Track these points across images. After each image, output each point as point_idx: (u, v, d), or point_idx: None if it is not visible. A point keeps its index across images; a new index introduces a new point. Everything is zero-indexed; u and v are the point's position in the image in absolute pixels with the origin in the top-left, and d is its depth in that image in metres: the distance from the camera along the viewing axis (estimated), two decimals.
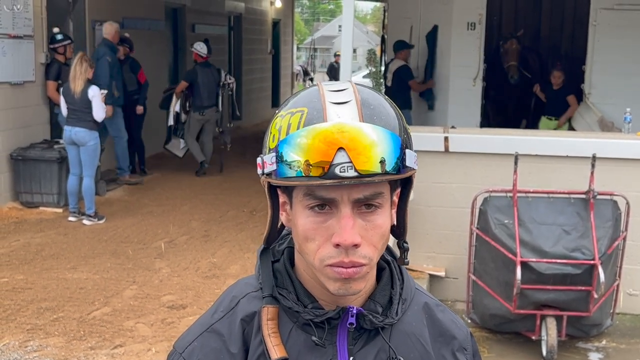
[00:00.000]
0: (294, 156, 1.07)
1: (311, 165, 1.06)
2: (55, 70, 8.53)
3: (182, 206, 8.48)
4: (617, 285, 5.41)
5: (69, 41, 8.65)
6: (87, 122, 7.44)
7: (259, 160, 1.15)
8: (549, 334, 5.06)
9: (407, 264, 1.25)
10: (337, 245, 1.10)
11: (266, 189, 1.17)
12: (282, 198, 1.19)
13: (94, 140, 7.52)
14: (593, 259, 4.95)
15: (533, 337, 5.25)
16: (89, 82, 7.50)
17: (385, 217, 1.14)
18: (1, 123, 8.07)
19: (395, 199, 1.19)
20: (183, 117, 10.16)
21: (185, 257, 6.51)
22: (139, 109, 9.73)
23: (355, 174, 1.06)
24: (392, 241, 1.25)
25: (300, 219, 1.13)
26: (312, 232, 1.12)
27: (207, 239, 7.15)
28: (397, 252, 1.28)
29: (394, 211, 1.20)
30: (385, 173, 1.08)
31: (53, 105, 8.66)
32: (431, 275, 6.11)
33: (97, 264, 6.25)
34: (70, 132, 7.45)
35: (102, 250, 6.68)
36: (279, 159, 1.09)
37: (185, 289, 5.72)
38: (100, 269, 6.12)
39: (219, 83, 10.27)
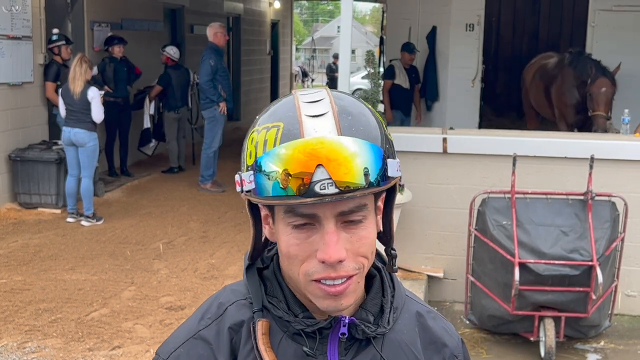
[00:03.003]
0: (273, 167, 1.05)
1: (291, 175, 1.03)
2: (53, 71, 8.53)
3: (181, 207, 8.48)
4: (615, 287, 5.41)
5: (63, 42, 8.62)
6: (86, 123, 7.44)
7: (237, 177, 1.12)
8: (547, 335, 5.07)
9: (396, 272, 1.23)
10: (323, 262, 1.07)
11: (246, 205, 1.15)
12: (264, 211, 1.16)
13: (93, 141, 7.52)
14: (591, 260, 4.95)
15: (531, 338, 5.25)
16: (88, 83, 7.50)
17: (370, 228, 1.11)
18: None
19: (381, 204, 1.17)
20: (156, 118, 10.55)
21: (183, 258, 6.51)
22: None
23: (336, 190, 1.03)
24: (382, 247, 1.24)
25: (282, 236, 1.11)
26: (295, 249, 1.09)
27: (205, 240, 7.15)
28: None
29: (379, 218, 1.17)
30: (367, 187, 1.05)
31: (51, 106, 8.66)
32: (429, 277, 6.11)
33: (96, 265, 6.25)
34: (69, 133, 7.44)
35: (100, 251, 6.67)
36: (258, 170, 1.06)
37: (184, 290, 5.72)
38: (98, 270, 6.11)
39: (188, 83, 10.56)
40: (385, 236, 1.21)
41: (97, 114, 7.47)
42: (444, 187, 5.92)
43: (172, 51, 10.47)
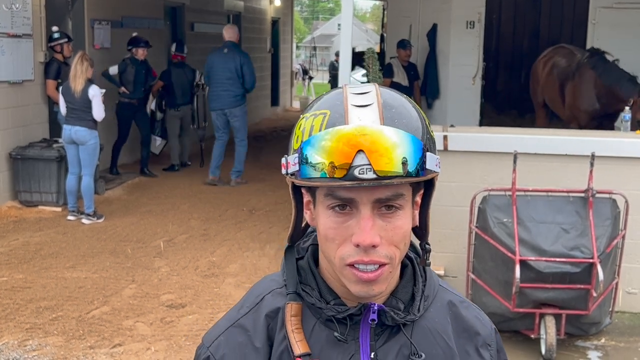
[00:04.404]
0: (318, 158, 1.10)
1: (336, 167, 1.08)
2: (54, 69, 8.52)
3: (181, 205, 8.48)
4: (616, 284, 5.41)
5: (65, 40, 8.62)
6: (87, 121, 7.44)
7: (283, 160, 1.18)
8: (548, 332, 5.07)
9: (429, 265, 1.28)
10: (357, 245, 1.12)
11: (290, 188, 1.19)
12: (306, 197, 1.21)
13: (93, 139, 7.52)
14: (592, 258, 4.95)
15: (532, 336, 5.25)
16: (90, 81, 7.50)
17: (405, 219, 1.16)
18: (0, 122, 8.06)
19: (418, 199, 1.21)
20: (158, 115, 10.53)
21: (184, 256, 6.52)
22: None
23: (374, 176, 1.08)
24: (416, 241, 1.27)
25: (321, 219, 1.16)
26: (332, 232, 1.14)
27: (206, 238, 7.15)
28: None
29: (416, 212, 1.22)
30: (405, 175, 1.09)
31: (52, 104, 8.66)
32: None
33: (96, 263, 6.26)
34: (70, 131, 7.44)
35: (101, 249, 6.67)
36: (303, 161, 1.12)
37: (185, 287, 5.72)
38: (99, 268, 6.12)
39: (192, 83, 10.53)
40: (421, 230, 1.26)
41: (98, 112, 7.47)
42: (445, 185, 5.91)
43: (172, 47, 10.57)
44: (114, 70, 9.59)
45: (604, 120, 7.74)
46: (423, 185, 1.20)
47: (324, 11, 60.16)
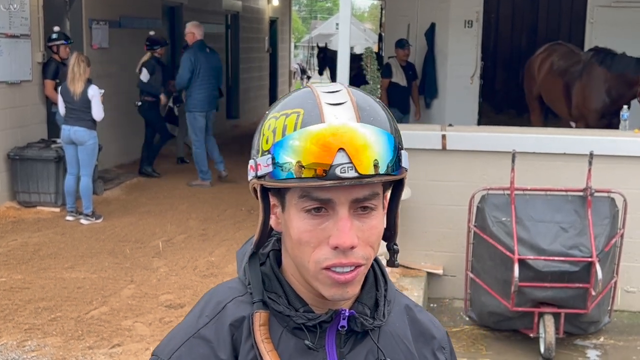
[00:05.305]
0: (286, 158, 1.06)
1: (304, 167, 1.05)
2: (52, 69, 8.51)
3: (180, 205, 8.47)
4: (615, 283, 5.42)
5: (61, 41, 8.59)
6: (87, 121, 7.42)
7: (251, 162, 1.13)
8: (547, 331, 5.07)
9: (397, 267, 1.25)
10: (335, 248, 1.08)
11: (258, 192, 1.14)
12: (272, 201, 1.16)
13: (92, 139, 7.51)
14: (591, 257, 4.96)
15: (531, 335, 5.26)
16: (89, 81, 7.49)
17: (380, 218, 1.13)
18: None
19: (385, 202, 1.18)
20: (176, 110, 10.57)
21: (183, 256, 6.51)
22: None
23: (356, 174, 1.05)
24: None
25: (294, 222, 1.11)
26: (307, 235, 1.10)
27: (204, 238, 7.15)
28: (384, 254, 1.27)
29: (384, 212, 1.19)
30: (383, 173, 1.07)
31: (50, 105, 8.65)
32: (429, 273, 6.11)
33: (95, 263, 6.25)
34: (69, 131, 7.43)
35: (99, 249, 6.67)
36: (275, 162, 1.07)
37: (183, 288, 5.72)
38: (98, 268, 6.11)
39: None
40: (389, 231, 1.22)
41: (97, 112, 7.46)
42: (444, 184, 5.92)
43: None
44: (146, 76, 9.54)
45: (613, 119, 7.71)
46: (391, 186, 1.17)
47: (322, 11, 60.14)
